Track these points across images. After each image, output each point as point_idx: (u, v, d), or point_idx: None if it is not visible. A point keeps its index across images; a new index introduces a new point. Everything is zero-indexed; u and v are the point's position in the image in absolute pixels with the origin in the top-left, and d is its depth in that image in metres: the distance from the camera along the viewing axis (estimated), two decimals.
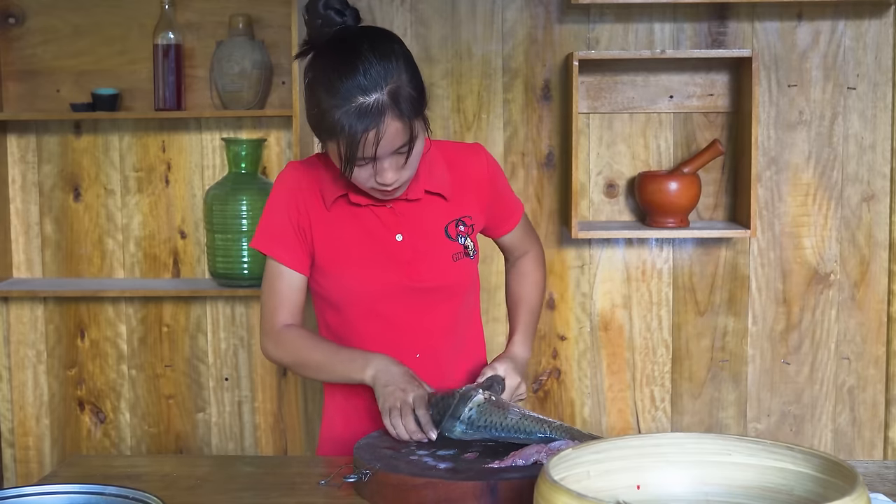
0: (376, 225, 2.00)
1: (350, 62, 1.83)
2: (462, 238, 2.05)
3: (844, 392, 3.31)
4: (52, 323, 3.39)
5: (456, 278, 2.05)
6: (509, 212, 2.18)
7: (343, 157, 1.85)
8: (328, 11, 1.91)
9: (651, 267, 3.30)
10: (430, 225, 2.03)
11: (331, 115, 1.83)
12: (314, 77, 1.88)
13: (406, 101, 1.84)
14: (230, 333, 3.36)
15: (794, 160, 3.25)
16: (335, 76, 1.83)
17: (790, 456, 1.43)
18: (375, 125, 1.82)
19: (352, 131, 1.81)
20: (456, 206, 2.06)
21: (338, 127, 1.82)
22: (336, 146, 1.86)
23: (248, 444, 3.40)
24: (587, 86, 3.24)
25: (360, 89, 1.82)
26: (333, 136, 1.85)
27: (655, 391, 3.33)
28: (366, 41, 1.87)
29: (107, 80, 3.29)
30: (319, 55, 1.90)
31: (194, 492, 1.77)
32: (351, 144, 1.83)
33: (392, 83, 1.83)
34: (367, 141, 1.82)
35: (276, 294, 2.02)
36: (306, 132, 3.18)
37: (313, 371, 2.02)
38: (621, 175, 3.28)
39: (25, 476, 3.42)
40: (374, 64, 1.83)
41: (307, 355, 2.00)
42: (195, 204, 3.33)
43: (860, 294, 3.28)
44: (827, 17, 3.20)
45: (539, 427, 1.77)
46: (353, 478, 1.70)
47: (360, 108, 1.81)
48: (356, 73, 1.82)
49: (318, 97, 1.86)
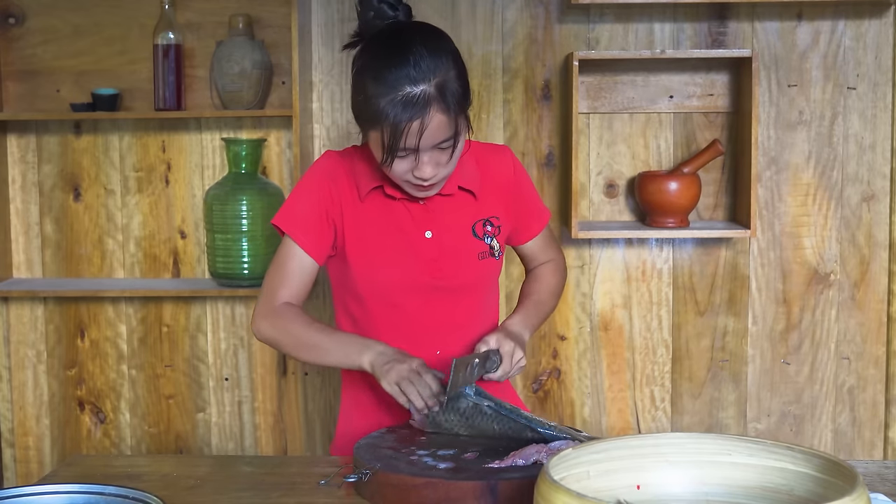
0: (407, 220, 2.01)
1: (401, 53, 1.84)
2: (489, 238, 2.06)
3: (844, 392, 3.31)
4: (52, 323, 3.39)
5: (479, 277, 2.06)
6: (534, 217, 2.18)
7: (385, 146, 1.85)
8: (381, 4, 1.93)
9: (651, 267, 3.30)
10: (459, 223, 2.04)
11: (376, 102, 1.83)
12: (363, 66, 1.89)
13: (452, 95, 1.85)
14: (230, 333, 3.36)
15: (794, 160, 3.25)
16: (384, 65, 1.84)
17: (790, 456, 1.43)
18: (420, 115, 1.82)
19: (396, 120, 1.82)
20: (484, 205, 2.06)
21: (382, 115, 1.83)
22: (379, 135, 1.85)
23: (248, 444, 3.40)
24: (587, 86, 3.24)
25: (409, 79, 1.82)
26: (377, 124, 1.85)
27: (655, 391, 3.33)
28: (418, 35, 1.89)
29: (107, 80, 3.29)
30: (370, 45, 1.91)
31: (194, 492, 1.77)
32: (394, 133, 1.83)
33: (440, 76, 1.84)
34: (410, 131, 1.83)
35: (284, 273, 1.99)
36: (306, 132, 3.18)
37: (307, 351, 1.97)
38: (621, 175, 3.28)
39: (25, 476, 3.42)
40: (424, 56, 1.84)
41: (303, 335, 1.95)
42: (195, 204, 3.33)
43: (860, 294, 3.28)
44: (827, 17, 3.20)
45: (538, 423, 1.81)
46: (353, 478, 1.71)
47: (407, 97, 1.82)
48: (406, 64, 1.83)
49: (365, 85, 1.86)
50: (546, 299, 2.21)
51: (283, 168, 3.28)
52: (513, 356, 1.97)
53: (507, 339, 1.99)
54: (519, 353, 1.99)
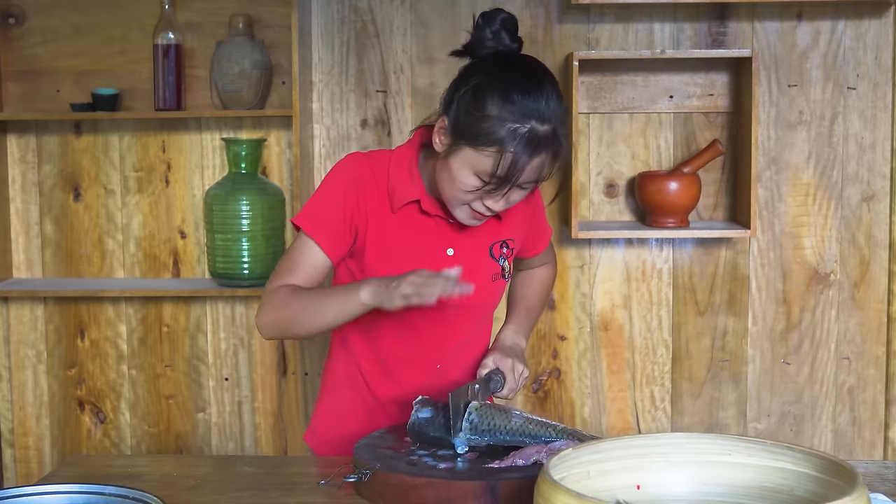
0: (433, 236, 1.98)
1: (536, 83, 1.82)
2: (502, 259, 2.06)
3: (844, 392, 3.31)
4: (52, 323, 3.39)
5: (490, 297, 2.07)
6: (542, 237, 2.21)
7: (494, 173, 1.80)
8: (503, 31, 1.90)
9: (651, 267, 3.30)
10: (479, 243, 2.03)
11: (497, 126, 1.79)
12: (486, 82, 1.83)
13: (563, 142, 1.84)
14: (230, 333, 3.36)
15: (794, 160, 3.25)
16: (516, 90, 1.80)
17: (790, 456, 1.43)
18: (543, 155, 1.81)
19: (518, 153, 1.78)
20: (504, 227, 2.06)
21: (503, 142, 1.79)
22: (492, 160, 1.80)
23: (248, 444, 3.40)
24: (587, 86, 3.24)
25: (538, 114, 1.80)
26: (491, 146, 1.79)
27: (655, 391, 3.33)
28: (549, 74, 1.87)
29: (107, 80, 3.28)
30: (498, 64, 1.87)
31: (194, 492, 1.77)
32: (512, 166, 1.79)
33: (560, 120, 1.83)
34: (529, 168, 1.80)
35: (294, 264, 1.93)
36: (306, 132, 3.18)
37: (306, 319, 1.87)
38: (621, 175, 3.28)
39: (25, 476, 3.42)
40: (554, 98, 1.83)
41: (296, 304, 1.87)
42: (195, 204, 3.33)
43: (860, 294, 3.28)
44: (827, 17, 3.20)
45: (544, 430, 1.78)
46: (353, 478, 1.71)
47: (534, 133, 1.79)
48: (538, 98, 1.80)
49: (486, 102, 1.81)
50: (537, 304, 2.25)
51: (283, 168, 3.28)
52: (514, 371, 2.00)
53: (504, 357, 2.02)
54: (520, 367, 2.02)
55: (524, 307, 2.22)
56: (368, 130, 3.27)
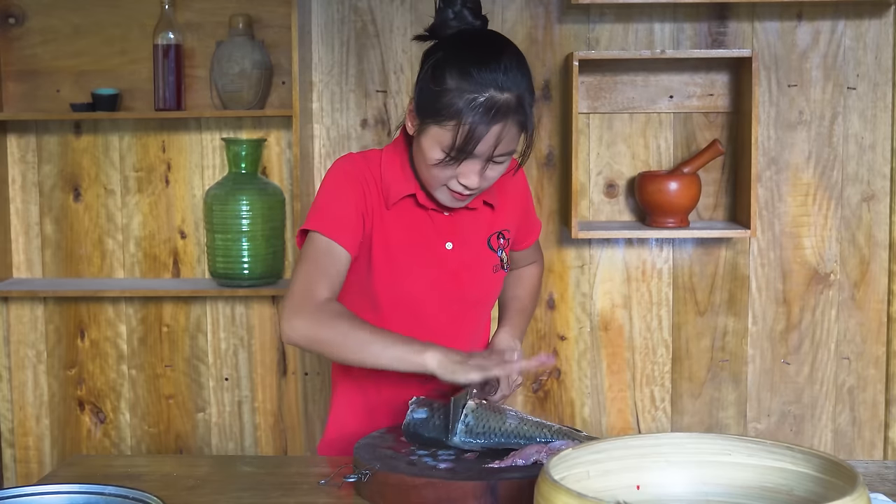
0: (430, 231, 1.98)
1: (493, 56, 1.82)
2: (500, 251, 2.06)
3: (844, 392, 3.31)
4: (52, 323, 3.39)
5: (492, 289, 2.07)
6: (532, 229, 2.21)
7: (453, 145, 1.81)
8: (464, 9, 1.91)
9: (651, 267, 3.30)
10: (477, 235, 2.03)
11: (456, 98, 1.79)
12: (445, 59, 1.84)
13: (528, 111, 1.84)
14: (230, 333, 3.36)
15: (794, 160, 3.25)
16: (473, 63, 1.81)
17: (790, 456, 1.43)
18: (502, 123, 1.80)
19: (476, 122, 1.78)
20: (499, 217, 2.06)
21: (460, 113, 1.79)
22: (448, 132, 1.81)
23: (248, 444, 3.40)
24: (587, 86, 3.24)
25: (496, 84, 1.80)
26: (450, 119, 1.80)
27: (655, 391, 3.33)
28: (509, 45, 1.87)
29: (107, 80, 3.28)
30: (456, 41, 1.88)
31: (194, 492, 1.77)
32: (470, 135, 1.79)
33: (522, 90, 1.83)
34: (487, 137, 1.80)
35: (320, 268, 1.87)
36: (306, 132, 3.18)
37: (358, 349, 1.80)
38: (621, 175, 3.28)
39: (25, 476, 3.42)
40: (514, 67, 1.83)
41: (352, 331, 1.80)
42: (195, 204, 3.33)
43: (860, 294, 3.28)
44: (827, 17, 3.20)
45: (539, 431, 1.78)
46: (353, 478, 1.70)
47: (491, 101, 1.79)
48: (497, 69, 1.80)
49: (445, 77, 1.81)
50: (529, 305, 2.25)
51: (283, 168, 3.28)
52: (509, 379, 1.99)
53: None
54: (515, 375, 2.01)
55: (517, 308, 2.22)
56: (368, 130, 3.27)
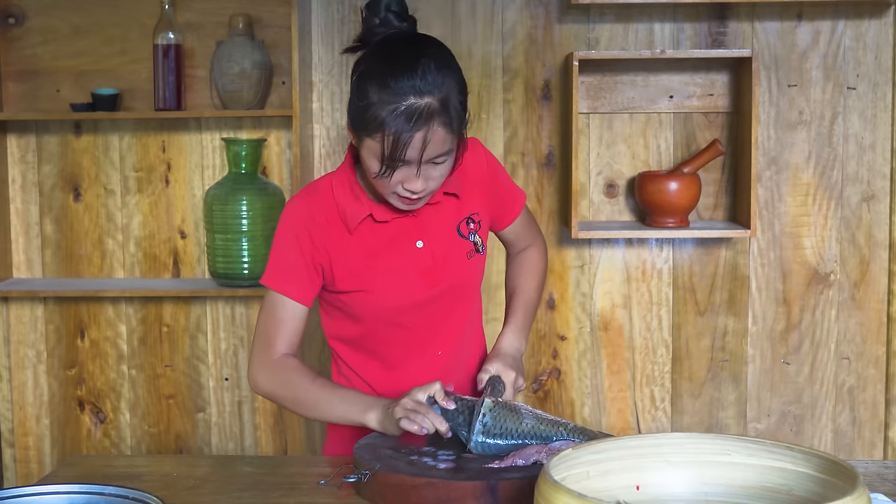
0: (398, 235, 1.99)
1: (409, 63, 1.82)
2: (472, 235, 2.06)
3: (844, 392, 3.31)
4: (52, 323, 3.39)
5: (470, 275, 2.07)
6: (510, 202, 2.18)
7: (384, 156, 1.82)
8: (388, 14, 1.91)
9: (651, 267, 3.30)
10: (445, 226, 2.03)
11: (378, 110, 1.81)
12: (367, 71, 1.85)
13: (455, 112, 1.84)
14: (230, 333, 3.36)
15: (794, 160, 3.25)
16: (390, 73, 1.82)
17: (790, 456, 1.43)
18: (424, 128, 1.80)
19: (399, 130, 1.80)
20: (465, 203, 2.06)
21: (384, 124, 1.80)
22: (377, 144, 1.82)
23: (248, 444, 3.40)
24: (587, 86, 3.24)
25: (415, 90, 1.80)
26: (377, 131, 1.81)
27: (655, 391, 3.33)
28: (427, 48, 1.87)
29: (107, 80, 3.29)
30: (376, 51, 1.88)
31: (194, 492, 1.77)
32: (395, 144, 1.80)
33: (445, 91, 1.83)
34: (412, 143, 1.81)
35: (277, 322, 1.99)
36: (306, 132, 3.18)
37: (308, 408, 1.98)
38: (621, 175, 3.28)
39: (25, 476, 3.42)
40: (431, 69, 1.82)
41: (303, 391, 1.97)
42: (195, 204, 3.33)
43: (860, 294, 3.28)
44: (827, 17, 3.20)
45: (555, 430, 1.78)
46: (353, 478, 1.71)
47: (411, 108, 1.80)
48: (413, 75, 1.81)
49: (367, 91, 1.83)
50: (534, 295, 2.24)
51: (283, 168, 3.28)
52: (514, 384, 2.02)
53: (508, 368, 2.03)
54: (520, 380, 2.04)
55: (521, 302, 2.21)
56: None
